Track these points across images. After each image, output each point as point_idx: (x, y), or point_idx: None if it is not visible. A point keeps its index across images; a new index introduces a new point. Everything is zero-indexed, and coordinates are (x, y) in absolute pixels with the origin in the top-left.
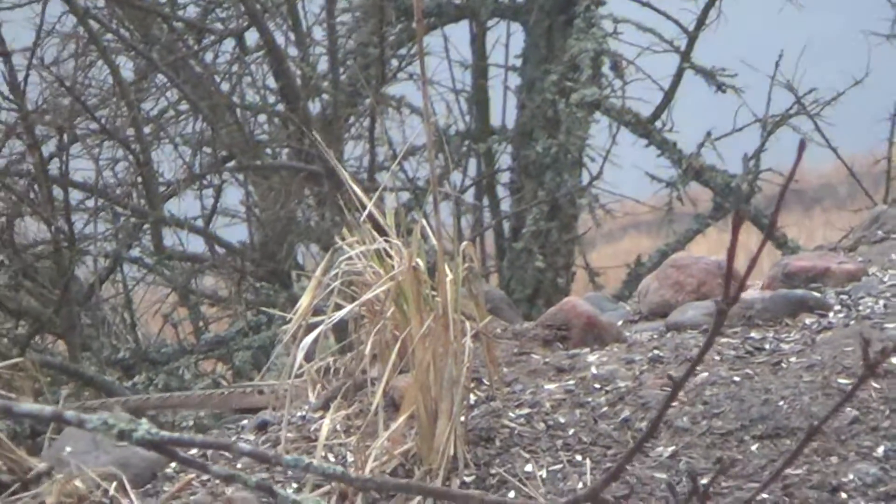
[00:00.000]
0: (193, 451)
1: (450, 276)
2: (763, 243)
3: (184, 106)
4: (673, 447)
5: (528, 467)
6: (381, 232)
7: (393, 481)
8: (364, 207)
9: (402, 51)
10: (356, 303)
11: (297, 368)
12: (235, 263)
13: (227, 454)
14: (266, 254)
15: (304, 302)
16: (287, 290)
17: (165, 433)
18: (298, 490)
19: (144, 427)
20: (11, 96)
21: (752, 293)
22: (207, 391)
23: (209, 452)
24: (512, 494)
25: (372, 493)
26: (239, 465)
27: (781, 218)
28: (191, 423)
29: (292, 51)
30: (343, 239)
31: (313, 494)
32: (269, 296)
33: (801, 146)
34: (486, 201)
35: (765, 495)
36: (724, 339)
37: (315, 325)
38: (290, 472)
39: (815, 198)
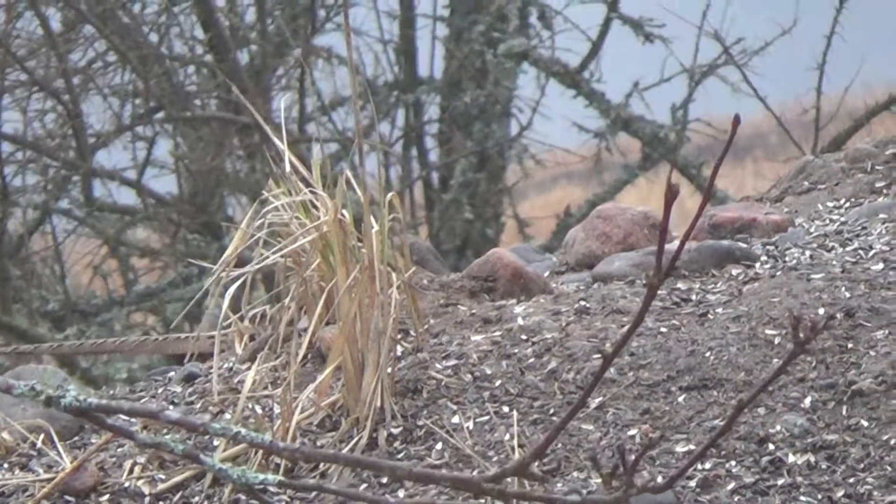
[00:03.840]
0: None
1: (375, 228)
2: (701, 208)
3: (112, 57)
4: (600, 398)
5: (456, 419)
6: (309, 184)
7: (321, 452)
8: (291, 159)
9: (330, 0)
10: (277, 251)
11: (225, 319)
12: (168, 215)
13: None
14: (197, 205)
15: (229, 252)
16: (218, 241)
17: (93, 400)
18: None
19: (72, 394)
20: None
21: (678, 244)
22: (142, 337)
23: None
24: (439, 446)
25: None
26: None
27: (710, 168)
28: (124, 375)
29: (220, 1)
30: (269, 190)
31: (238, 449)
32: (199, 247)
33: (735, 122)
34: (414, 152)
35: (691, 446)
36: None
37: (242, 276)
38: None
39: (746, 147)
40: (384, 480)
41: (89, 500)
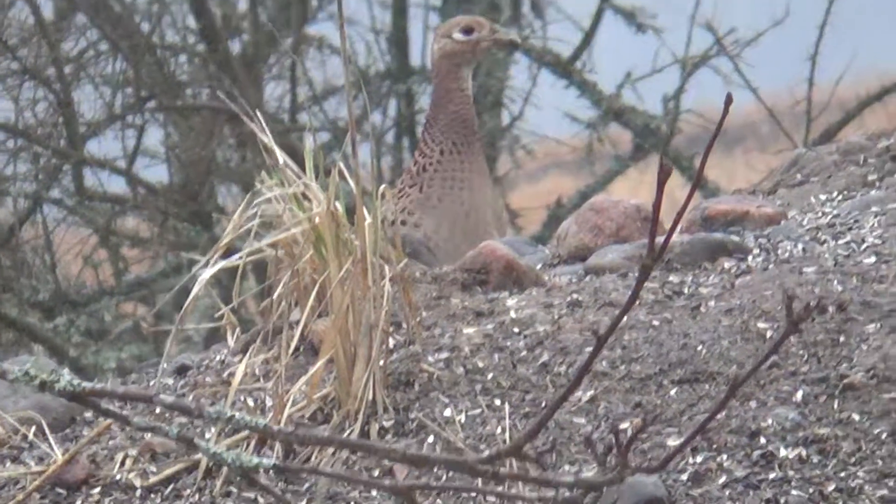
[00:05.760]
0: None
1: (368, 220)
2: (688, 199)
3: (104, 45)
4: (592, 392)
5: (447, 412)
6: (301, 175)
7: (316, 435)
8: (283, 149)
9: None
10: (264, 242)
11: (217, 312)
12: (158, 204)
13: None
14: (187, 195)
15: (221, 243)
16: (209, 231)
17: (87, 384)
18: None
19: (66, 378)
20: None
21: (669, 229)
22: None
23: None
24: (431, 439)
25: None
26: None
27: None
28: (113, 365)
29: None
30: (262, 182)
31: (232, 439)
32: (190, 237)
33: (728, 100)
34: (406, 142)
35: (683, 440)
36: None
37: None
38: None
39: (737, 138)
40: (376, 474)
41: (80, 492)
